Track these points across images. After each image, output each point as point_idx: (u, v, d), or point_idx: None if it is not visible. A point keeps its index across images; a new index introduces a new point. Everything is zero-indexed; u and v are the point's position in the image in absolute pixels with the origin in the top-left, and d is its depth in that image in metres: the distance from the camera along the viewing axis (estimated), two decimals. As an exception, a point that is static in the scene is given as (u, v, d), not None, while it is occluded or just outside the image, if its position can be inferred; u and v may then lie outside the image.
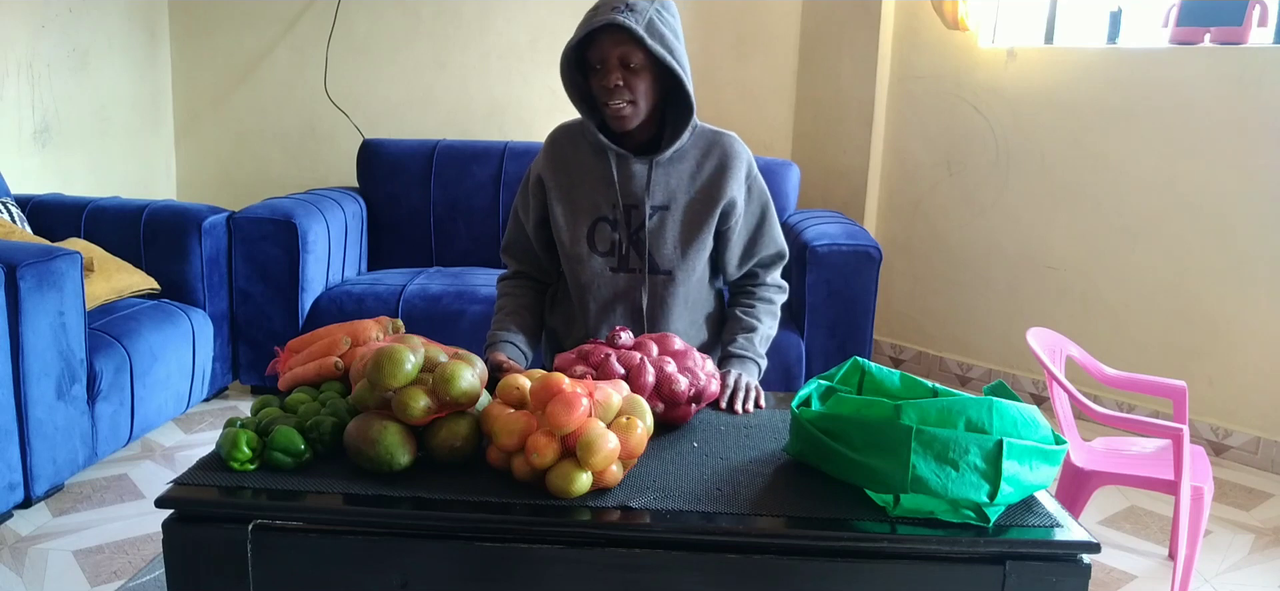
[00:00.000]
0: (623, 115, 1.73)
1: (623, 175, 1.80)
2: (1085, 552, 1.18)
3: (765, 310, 1.91)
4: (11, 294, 2.31)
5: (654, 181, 1.80)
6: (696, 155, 1.83)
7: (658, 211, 1.80)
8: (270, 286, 3.24)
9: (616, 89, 1.70)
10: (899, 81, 3.96)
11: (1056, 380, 2.21)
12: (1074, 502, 2.20)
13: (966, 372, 3.91)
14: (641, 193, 1.80)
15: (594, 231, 1.82)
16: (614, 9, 1.66)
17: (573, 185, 1.84)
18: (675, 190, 1.81)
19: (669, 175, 1.81)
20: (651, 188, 1.80)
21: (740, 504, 1.24)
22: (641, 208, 1.80)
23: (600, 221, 1.82)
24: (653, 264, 1.82)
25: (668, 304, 1.84)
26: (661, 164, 1.80)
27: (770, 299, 1.93)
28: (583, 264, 1.83)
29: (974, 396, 1.24)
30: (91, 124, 3.69)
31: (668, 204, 1.81)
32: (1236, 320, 3.16)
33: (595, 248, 1.82)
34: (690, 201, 1.82)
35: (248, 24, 4.08)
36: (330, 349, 1.52)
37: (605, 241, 1.82)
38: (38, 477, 2.44)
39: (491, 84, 4.16)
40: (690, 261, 1.83)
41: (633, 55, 1.69)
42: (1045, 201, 3.59)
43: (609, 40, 1.69)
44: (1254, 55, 3.06)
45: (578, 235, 1.83)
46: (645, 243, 1.81)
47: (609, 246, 1.82)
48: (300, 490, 1.25)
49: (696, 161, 1.82)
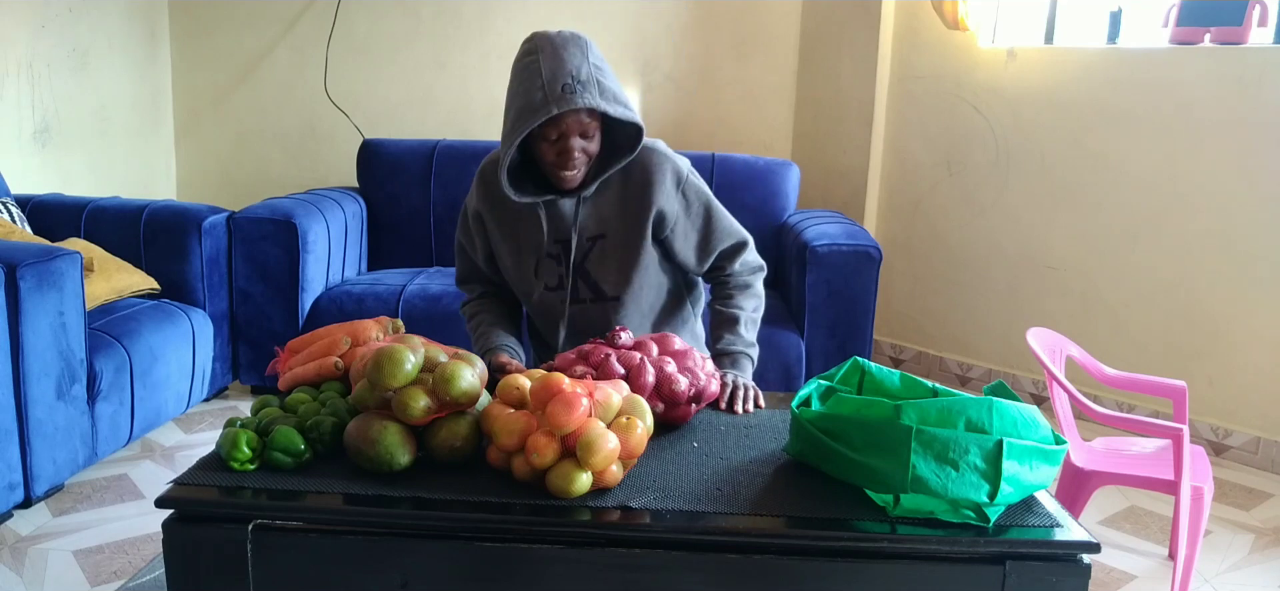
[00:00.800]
0: (577, 179, 1.74)
1: (551, 215, 1.80)
2: (1085, 552, 1.18)
3: (743, 295, 1.90)
4: (11, 294, 2.31)
5: (582, 215, 1.80)
6: (620, 178, 1.81)
7: (595, 241, 1.81)
8: (270, 286, 3.24)
9: (577, 158, 1.71)
10: (899, 81, 3.96)
11: (1056, 380, 2.21)
12: (1074, 502, 2.20)
13: (966, 372, 3.91)
14: (572, 228, 1.80)
15: (539, 266, 1.84)
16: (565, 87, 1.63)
17: (511, 220, 1.83)
18: (607, 217, 1.80)
19: (598, 205, 1.80)
20: (581, 221, 1.80)
21: (740, 504, 1.24)
22: (575, 240, 1.80)
23: (545, 257, 1.83)
24: (599, 292, 1.83)
25: (628, 320, 1.85)
26: (587, 199, 1.80)
27: (746, 282, 1.91)
28: (536, 298, 1.86)
29: (974, 396, 1.24)
30: (91, 124, 3.69)
31: (603, 232, 1.81)
32: (1236, 320, 3.16)
33: (543, 281, 1.84)
34: (622, 226, 1.81)
35: (248, 24, 4.08)
36: (330, 349, 1.52)
37: (552, 275, 1.83)
38: (38, 477, 2.44)
39: (491, 84, 4.16)
40: (636, 284, 1.83)
41: (591, 126, 1.70)
42: (1045, 201, 3.59)
43: (569, 119, 1.67)
44: (1254, 55, 3.06)
45: (525, 273, 1.85)
46: (590, 273, 1.82)
47: (557, 280, 1.83)
48: (300, 490, 1.25)
49: (621, 183, 1.81)
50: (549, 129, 1.69)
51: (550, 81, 1.65)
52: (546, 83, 1.65)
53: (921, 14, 3.84)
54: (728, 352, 1.83)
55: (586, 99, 1.64)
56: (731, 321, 1.86)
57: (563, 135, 1.69)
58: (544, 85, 1.65)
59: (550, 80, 1.65)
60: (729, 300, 1.90)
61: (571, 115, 1.67)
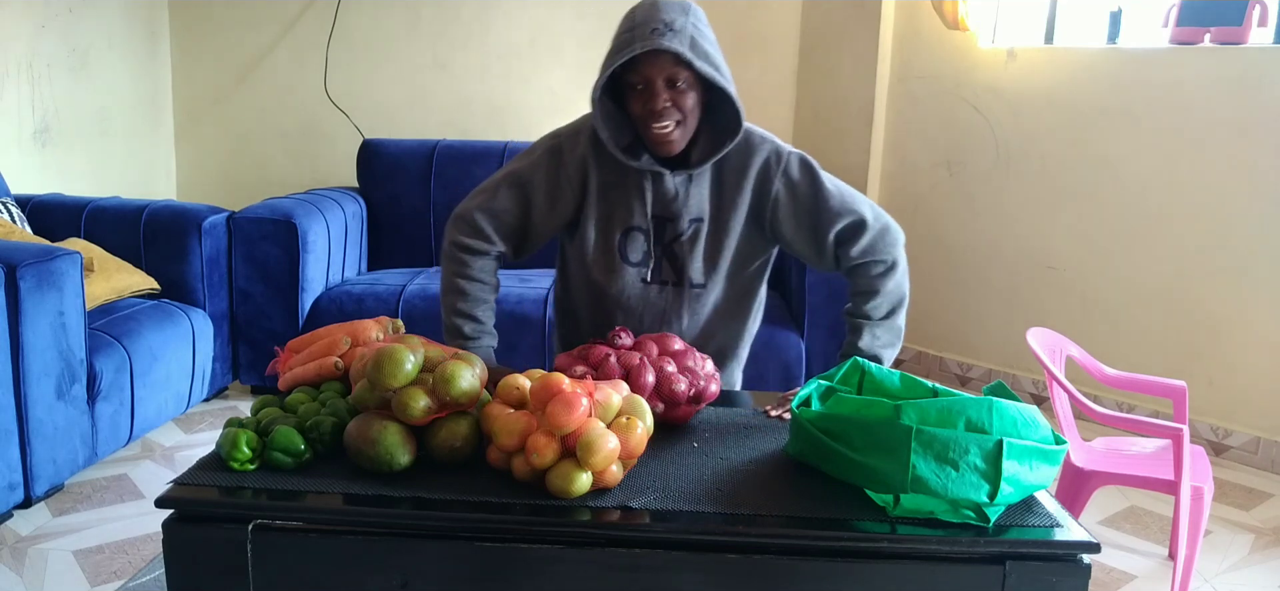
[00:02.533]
0: (670, 139, 1.65)
1: (656, 189, 1.73)
2: (1085, 552, 1.18)
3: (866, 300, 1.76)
4: (11, 294, 2.31)
5: (690, 195, 1.73)
6: (719, 165, 1.74)
7: (693, 224, 1.73)
8: (270, 286, 3.24)
9: (665, 109, 1.62)
10: (899, 81, 3.96)
11: (1056, 380, 2.21)
12: (1074, 502, 2.20)
13: (966, 372, 3.91)
14: (676, 206, 1.72)
15: (626, 240, 1.75)
16: (654, 31, 1.58)
17: (609, 187, 1.75)
18: (705, 202, 1.74)
19: (699, 188, 1.73)
20: (687, 202, 1.72)
21: (740, 504, 1.24)
22: (677, 221, 1.72)
23: (633, 230, 1.74)
24: (686, 277, 1.75)
25: (700, 314, 1.77)
26: (696, 176, 1.73)
27: (869, 286, 1.75)
28: (614, 274, 1.75)
29: (974, 396, 1.24)
30: (91, 124, 3.69)
31: (701, 216, 1.74)
32: (1236, 320, 3.16)
33: (628, 257, 1.75)
34: (718, 210, 1.74)
35: (248, 24, 4.08)
36: (330, 349, 1.52)
37: (638, 251, 1.74)
38: (38, 477, 2.44)
39: (491, 84, 4.16)
40: (720, 272, 1.76)
41: (679, 74, 1.61)
42: (1045, 201, 3.59)
43: (653, 63, 1.61)
44: (1254, 55, 3.06)
45: (610, 243, 1.74)
46: (679, 255, 1.73)
47: (641, 256, 1.75)
48: (300, 490, 1.25)
49: (717, 168, 1.75)
50: (635, 76, 1.63)
51: (640, 24, 1.60)
52: (637, 25, 1.61)
53: (921, 14, 3.84)
54: None
55: (673, 44, 1.57)
56: (853, 331, 1.77)
57: (648, 83, 1.62)
58: (634, 27, 1.61)
59: (641, 23, 1.60)
60: (855, 308, 1.78)
61: (655, 58, 1.60)
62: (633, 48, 1.59)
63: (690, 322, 1.78)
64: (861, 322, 1.76)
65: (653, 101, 1.62)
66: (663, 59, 1.60)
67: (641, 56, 1.60)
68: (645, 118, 1.64)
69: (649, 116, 1.63)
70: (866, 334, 1.76)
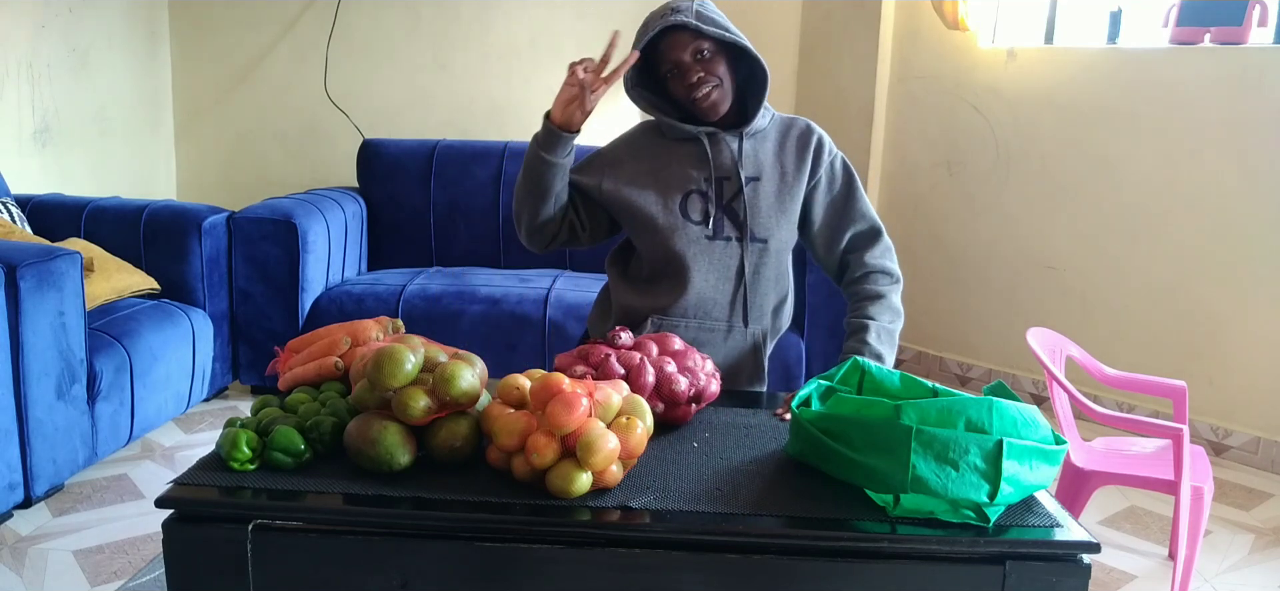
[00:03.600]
0: (714, 101, 1.80)
1: (715, 150, 1.86)
2: (1085, 552, 1.18)
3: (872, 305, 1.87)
4: (11, 294, 2.31)
5: (745, 152, 1.86)
6: (777, 135, 1.90)
7: (751, 182, 1.85)
8: (270, 286, 3.24)
9: (701, 79, 1.78)
10: (899, 81, 3.96)
11: (1056, 380, 2.21)
12: (1074, 502, 2.20)
13: (966, 372, 3.91)
14: (733, 164, 1.85)
15: (686, 202, 1.85)
16: (662, 17, 1.76)
17: (660, 167, 1.87)
18: (763, 163, 1.87)
19: (757, 148, 1.87)
20: (743, 158, 1.86)
21: (740, 504, 1.24)
22: (734, 178, 1.85)
23: (692, 193, 1.85)
24: (749, 231, 1.85)
25: (762, 272, 1.87)
26: (750, 136, 1.87)
27: (877, 293, 1.88)
28: (678, 232, 1.84)
29: (974, 396, 1.24)
30: (91, 124, 3.69)
31: (758, 175, 1.86)
32: (1236, 320, 3.16)
33: (690, 216, 1.85)
34: (778, 173, 1.87)
35: (248, 24, 4.08)
36: (330, 349, 1.52)
37: (698, 211, 1.85)
38: (38, 477, 2.44)
39: (491, 84, 4.16)
40: (782, 231, 1.86)
41: (700, 45, 1.78)
42: (1045, 201, 3.59)
43: (674, 44, 1.78)
44: (1254, 55, 3.06)
45: (671, 205, 1.85)
46: (740, 211, 1.84)
47: (702, 215, 1.85)
48: (300, 490, 1.25)
49: (778, 140, 1.89)
50: (665, 64, 1.81)
51: (654, 16, 1.80)
52: (651, 17, 1.80)
53: (921, 14, 3.84)
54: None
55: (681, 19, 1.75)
56: (861, 330, 1.84)
57: (676, 63, 1.79)
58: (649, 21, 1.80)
59: (654, 16, 1.80)
60: (860, 311, 1.87)
61: (674, 37, 1.77)
62: (649, 33, 1.77)
63: (751, 277, 1.87)
64: (869, 323, 1.85)
65: (687, 76, 1.79)
66: (681, 37, 1.77)
67: (663, 43, 1.78)
68: (688, 92, 1.81)
69: (690, 90, 1.80)
70: (872, 332, 1.84)
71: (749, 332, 1.89)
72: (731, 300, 1.86)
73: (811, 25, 4.16)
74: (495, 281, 3.33)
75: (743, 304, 1.86)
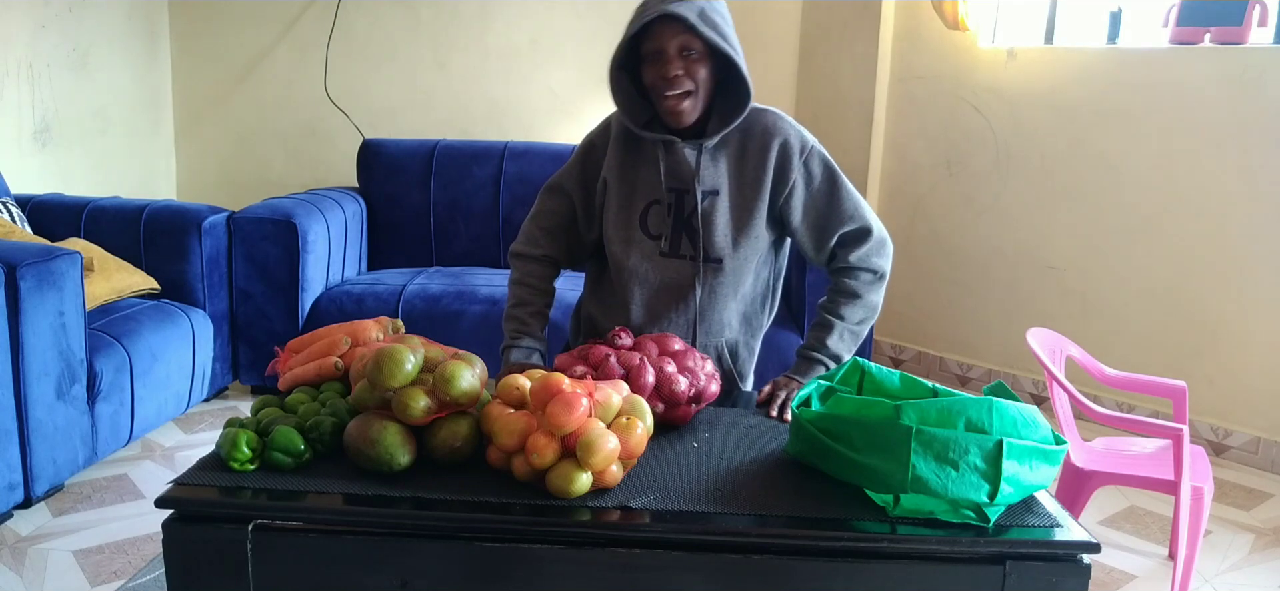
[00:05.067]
0: (681, 109, 1.69)
1: (670, 160, 1.76)
2: (1085, 552, 1.18)
3: (849, 303, 1.80)
4: (11, 294, 2.31)
5: (702, 166, 1.75)
6: (739, 138, 1.77)
7: (708, 196, 1.76)
8: (270, 286, 3.24)
9: (676, 78, 1.67)
10: (899, 81, 3.96)
11: (1056, 380, 2.21)
12: (1074, 502, 2.20)
13: (966, 372, 3.91)
14: (690, 177, 1.75)
15: (648, 214, 1.78)
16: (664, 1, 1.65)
17: (632, 163, 1.80)
18: (723, 176, 1.77)
19: (716, 160, 1.77)
20: (701, 172, 1.75)
21: (740, 504, 1.24)
22: (692, 193, 1.75)
23: (654, 204, 1.78)
24: (702, 250, 1.77)
25: (718, 293, 1.79)
26: (708, 149, 1.76)
27: (856, 291, 1.80)
28: (633, 246, 1.78)
29: (974, 396, 1.24)
30: (91, 124, 3.69)
31: (717, 189, 1.76)
32: (1236, 320, 3.16)
33: (648, 230, 1.78)
34: (739, 187, 1.77)
35: (248, 24, 4.08)
36: (330, 349, 1.52)
37: (659, 225, 1.78)
38: (38, 477, 2.44)
39: (491, 84, 4.16)
40: (741, 250, 1.77)
41: (691, 43, 1.67)
42: (1045, 201, 3.59)
43: (665, 31, 1.66)
44: (1254, 55, 3.06)
45: (631, 217, 1.78)
46: (698, 228, 1.76)
47: (661, 230, 1.78)
48: (300, 490, 1.25)
49: (740, 145, 1.78)
50: (650, 45, 1.69)
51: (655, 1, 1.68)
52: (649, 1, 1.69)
53: (921, 14, 3.84)
54: (805, 357, 1.79)
55: (682, 10, 1.63)
56: (824, 326, 1.80)
57: (660, 51, 1.67)
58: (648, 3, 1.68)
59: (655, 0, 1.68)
60: (833, 305, 1.81)
61: (668, 25, 1.66)
62: (643, 16, 1.67)
63: (705, 297, 1.79)
64: (835, 322, 1.80)
65: (665, 68, 1.68)
66: (675, 26, 1.66)
67: (655, 25, 1.66)
68: (658, 86, 1.69)
69: (662, 84, 1.69)
70: (835, 333, 1.80)
71: (711, 345, 1.83)
72: (688, 319, 1.80)
73: (811, 25, 4.16)
74: (495, 281, 3.33)
75: (695, 324, 1.80)
